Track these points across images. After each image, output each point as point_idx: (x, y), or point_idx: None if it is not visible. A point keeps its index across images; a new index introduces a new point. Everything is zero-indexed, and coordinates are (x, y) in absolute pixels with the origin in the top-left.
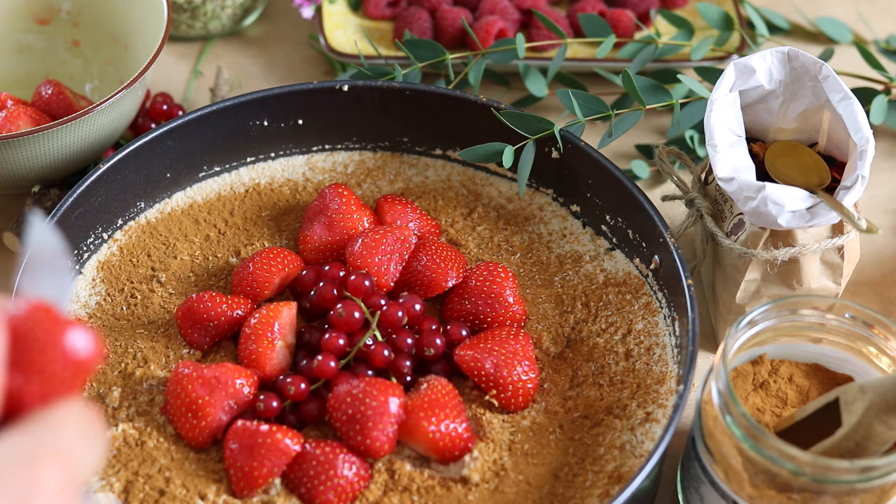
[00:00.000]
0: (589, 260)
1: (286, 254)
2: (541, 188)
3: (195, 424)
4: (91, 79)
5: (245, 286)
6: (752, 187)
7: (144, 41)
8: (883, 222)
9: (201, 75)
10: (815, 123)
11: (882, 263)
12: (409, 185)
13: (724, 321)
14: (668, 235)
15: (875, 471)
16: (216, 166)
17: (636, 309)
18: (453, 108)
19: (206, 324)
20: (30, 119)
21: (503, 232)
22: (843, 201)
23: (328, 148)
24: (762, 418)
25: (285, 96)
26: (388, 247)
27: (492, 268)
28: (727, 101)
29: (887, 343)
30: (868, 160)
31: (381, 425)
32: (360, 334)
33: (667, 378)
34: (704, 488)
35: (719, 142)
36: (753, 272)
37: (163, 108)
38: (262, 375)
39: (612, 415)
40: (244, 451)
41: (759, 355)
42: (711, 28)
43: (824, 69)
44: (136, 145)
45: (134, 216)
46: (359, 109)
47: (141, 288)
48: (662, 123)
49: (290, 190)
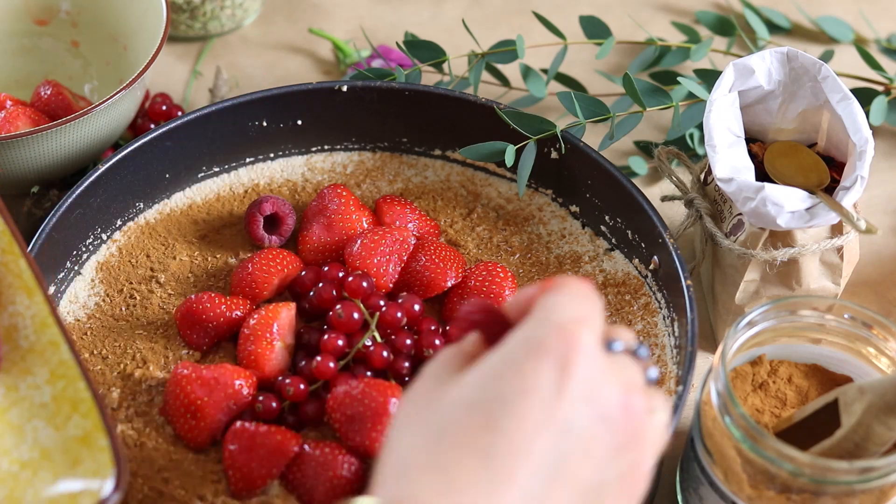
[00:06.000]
0: (588, 260)
1: (285, 254)
2: (540, 188)
3: (194, 425)
4: (90, 79)
5: (244, 287)
6: (751, 188)
7: (143, 41)
8: (882, 223)
9: (200, 76)
10: (814, 124)
11: (881, 264)
12: (408, 186)
13: (724, 322)
14: (667, 236)
15: (874, 472)
16: (215, 167)
17: (635, 309)
18: (453, 108)
19: (205, 325)
20: (29, 120)
21: (502, 232)
22: (843, 202)
23: (327, 148)
24: (761, 419)
25: (284, 97)
26: (387, 247)
27: (491, 268)
28: (726, 101)
29: (886, 344)
30: (867, 161)
31: (381, 426)
32: (359, 335)
33: (666, 379)
34: (703, 489)
35: (718, 142)
36: (752, 273)
37: (162, 109)
38: (261, 376)
39: None
40: (243, 451)
41: (759, 356)
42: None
43: (823, 69)
44: (136, 146)
45: (133, 217)
46: (358, 110)
47: (140, 289)
48: (662, 120)
49: (289, 190)
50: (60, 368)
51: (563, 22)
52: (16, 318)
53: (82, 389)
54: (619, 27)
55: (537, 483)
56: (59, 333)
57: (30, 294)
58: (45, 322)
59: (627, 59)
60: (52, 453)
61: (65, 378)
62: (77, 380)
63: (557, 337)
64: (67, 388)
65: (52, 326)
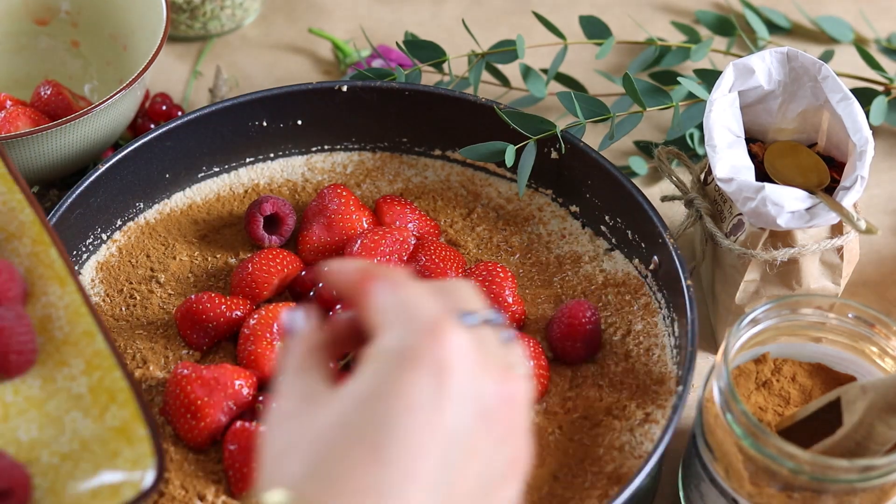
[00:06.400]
0: (588, 260)
1: (285, 254)
2: (540, 188)
3: (194, 425)
4: (90, 79)
5: (244, 287)
6: (751, 188)
7: (143, 41)
8: (882, 222)
9: (200, 76)
10: (814, 124)
11: (882, 264)
12: (408, 186)
13: (724, 322)
14: (667, 236)
15: (875, 470)
16: (215, 167)
17: (635, 309)
18: (453, 108)
19: (205, 325)
20: (29, 120)
21: (502, 232)
22: (843, 202)
23: (327, 148)
24: (765, 417)
25: (284, 97)
26: (387, 248)
27: (491, 268)
28: (726, 101)
29: (889, 343)
30: (867, 161)
31: None
32: None
33: (666, 379)
34: (704, 486)
35: (718, 142)
36: (753, 273)
37: (162, 109)
38: (262, 376)
39: (611, 416)
40: (243, 451)
41: (763, 354)
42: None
43: (823, 69)
44: (136, 146)
45: (133, 217)
46: (358, 110)
47: (140, 289)
48: (662, 120)
49: (289, 190)
50: (96, 359)
51: (563, 22)
52: (49, 308)
53: (119, 379)
54: (619, 27)
55: (430, 498)
56: (93, 323)
57: (62, 284)
58: (79, 311)
59: (627, 59)
60: (92, 444)
61: (101, 368)
62: (113, 369)
63: (427, 342)
64: (104, 378)
65: (86, 315)
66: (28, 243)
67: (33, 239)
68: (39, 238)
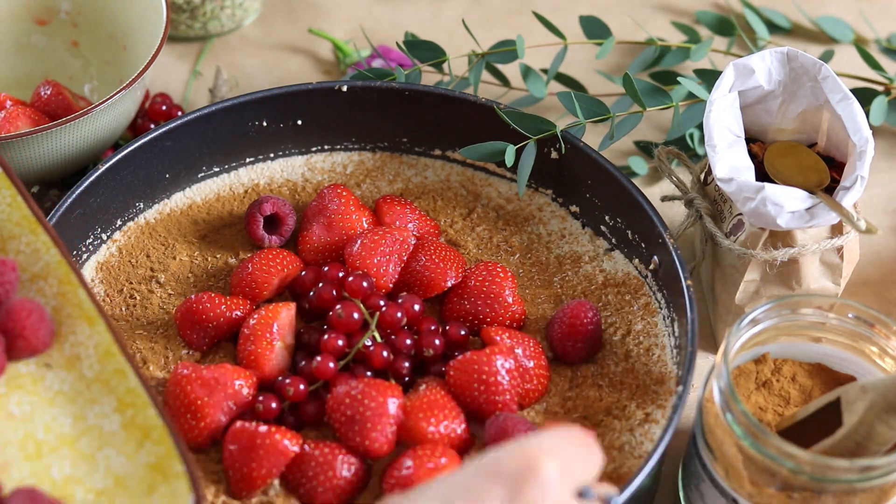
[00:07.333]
0: (588, 260)
1: (285, 254)
2: (540, 188)
3: (194, 425)
4: (90, 79)
5: (244, 287)
6: (751, 188)
7: (143, 41)
8: (882, 222)
9: (200, 76)
10: (814, 124)
11: (881, 264)
12: (408, 186)
13: (724, 322)
14: (667, 236)
15: (875, 470)
16: (215, 167)
17: (635, 309)
18: (453, 108)
19: (205, 325)
20: (29, 120)
21: (502, 232)
22: (843, 202)
23: (327, 148)
24: (765, 417)
25: (284, 97)
26: (387, 247)
27: (491, 268)
28: (726, 101)
29: (889, 343)
30: (867, 161)
31: (380, 426)
32: (359, 335)
33: (666, 379)
34: (704, 486)
35: (718, 142)
36: (752, 273)
37: (162, 109)
38: (261, 376)
39: (611, 416)
40: (243, 451)
41: (763, 354)
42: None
43: (823, 69)
44: (136, 146)
45: (133, 217)
46: (358, 110)
47: (140, 289)
48: (662, 120)
49: (289, 190)
50: (128, 397)
51: (563, 22)
52: (77, 347)
53: (153, 416)
54: (619, 27)
55: None
56: (125, 361)
57: (91, 323)
58: (109, 351)
59: (627, 59)
60: (127, 481)
61: (133, 406)
62: (147, 407)
63: (516, 461)
64: (137, 415)
65: (118, 355)
66: (55, 283)
67: (59, 279)
68: (66, 279)
